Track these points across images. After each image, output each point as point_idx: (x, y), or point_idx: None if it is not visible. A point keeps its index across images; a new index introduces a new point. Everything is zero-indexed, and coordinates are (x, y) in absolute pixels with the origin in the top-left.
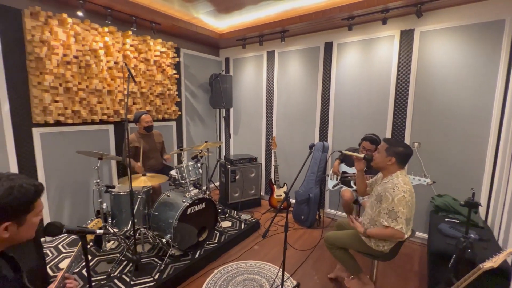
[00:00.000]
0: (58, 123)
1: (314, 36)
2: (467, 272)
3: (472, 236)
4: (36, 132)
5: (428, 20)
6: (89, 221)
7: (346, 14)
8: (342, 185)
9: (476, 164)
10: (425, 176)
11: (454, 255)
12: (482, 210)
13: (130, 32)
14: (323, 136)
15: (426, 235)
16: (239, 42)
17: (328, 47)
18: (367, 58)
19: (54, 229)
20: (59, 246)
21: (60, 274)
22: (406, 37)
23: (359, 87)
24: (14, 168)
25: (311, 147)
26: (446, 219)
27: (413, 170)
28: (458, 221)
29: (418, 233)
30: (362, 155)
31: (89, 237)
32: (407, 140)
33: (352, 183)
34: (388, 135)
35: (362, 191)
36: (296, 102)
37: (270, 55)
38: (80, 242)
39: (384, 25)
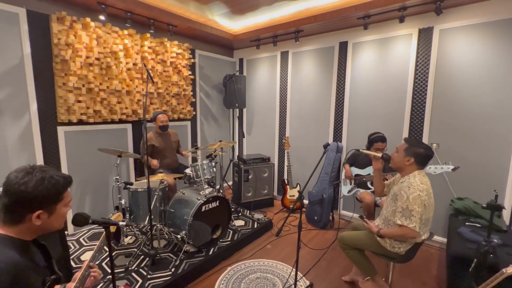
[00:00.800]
0: (80, 122)
1: (328, 36)
2: (489, 278)
3: (495, 240)
4: (60, 130)
5: (448, 17)
6: (110, 214)
7: (362, 13)
8: (358, 189)
9: (499, 166)
10: (446, 163)
11: (475, 260)
12: (506, 214)
13: (148, 35)
14: (337, 136)
15: (444, 239)
16: (253, 43)
17: (343, 46)
18: (383, 57)
19: (81, 219)
20: (81, 239)
21: (85, 263)
22: (425, 36)
23: (374, 87)
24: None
25: (325, 146)
26: (466, 223)
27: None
28: (479, 225)
29: (436, 237)
30: (380, 154)
31: (111, 229)
32: (425, 141)
33: (369, 184)
34: (405, 135)
35: (379, 191)
36: (310, 102)
37: (284, 55)
38: (104, 234)
39: (401, 23)
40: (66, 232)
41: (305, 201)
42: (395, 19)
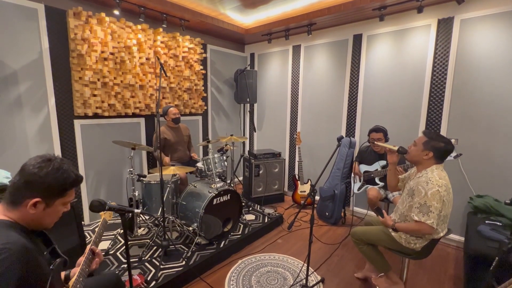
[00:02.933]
0: (96, 116)
1: (342, 29)
2: (510, 277)
3: None
4: (77, 123)
5: (470, 6)
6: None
7: (377, 4)
8: (367, 185)
9: None
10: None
11: (497, 258)
12: None
13: (161, 29)
14: (350, 131)
15: (462, 238)
16: (264, 37)
17: (357, 39)
18: (400, 50)
19: (98, 205)
20: (96, 229)
21: (88, 248)
22: (444, 26)
23: (390, 81)
24: None
25: (339, 139)
26: (486, 221)
27: (447, 167)
28: (500, 224)
29: (453, 236)
30: (395, 148)
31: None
32: None
33: (377, 180)
34: (422, 129)
35: (393, 185)
36: (322, 97)
37: (296, 49)
38: (102, 219)
39: (419, 13)
40: (82, 222)
41: (316, 198)
42: (413, 9)
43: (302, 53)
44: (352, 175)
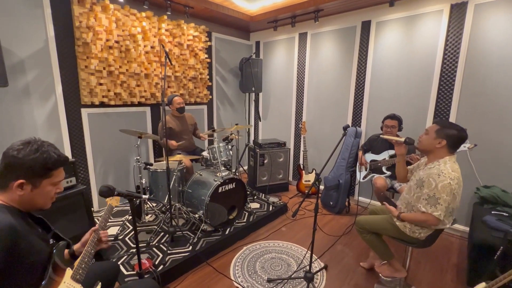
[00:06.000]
0: (102, 105)
1: (350, 15)
2: None
3: None
4: (84, 112)
5: None
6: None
7: None
8: (373, 174)
9: None
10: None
11: (502, 247)
12: None
13: (165, 17)
14: (356, 121)
15: (467, 228)
16: (270, 25)
17: (366, 26)
18: (409, 37)
19: (107, 191)
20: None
21: (92, 230)
22: (457, 11)
23: (398, 69)
24: (66, 144)
25: (345, 128)
26: (492, 212)
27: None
28: (507, 214)
29: (458, 226)
30: (402, 139)
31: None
32: None
33: (384, 169)
34: (430, 119)
35: (402, 177)
36: (328, 86)
37: (302, 37)
38: (108, 204)
39: None
40: (92, 208)
41: (321, 187)
42: None
43: (309, 40)
44: (358, 164)
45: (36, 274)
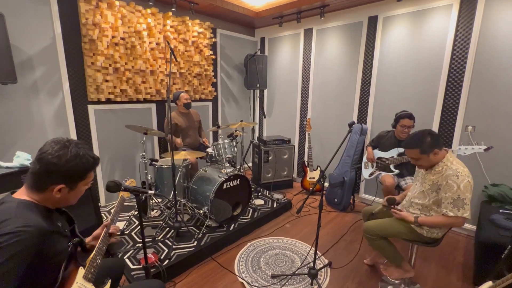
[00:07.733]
0: (108, 101)
1: (356, 10)
2: None
3: None
4: (91, 108)
5: None
6: (124, 180)
7: None
8: (380, 172)
9: None
10: (477, 143)
11: (510, 246)
12: None
13: (170, 13)
14: (362, 118)
15: (473, 227)
16: (275, 21)
17: (372, 21)
18: (417, 32)
19: (114, 186)
20: (112, 210)
21: (103, 225)
22: (467, 6)
23: (405, 65)
24: None
25: (351, 124)
26: (500, 210)
27: (462, 156)
28: None
29: (465, 224)
30: (386, 204)
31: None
32: (459, 123)
33: (392, 167)
34: (437, 116)
35: None
36: (334, 82)
37: (308, 33)
38: (120, 198)
39: None
40: (99, 204)
41: (325, 184)
42: None
43: (314, 36)
44: (364, 159)
45: (54, 274)
